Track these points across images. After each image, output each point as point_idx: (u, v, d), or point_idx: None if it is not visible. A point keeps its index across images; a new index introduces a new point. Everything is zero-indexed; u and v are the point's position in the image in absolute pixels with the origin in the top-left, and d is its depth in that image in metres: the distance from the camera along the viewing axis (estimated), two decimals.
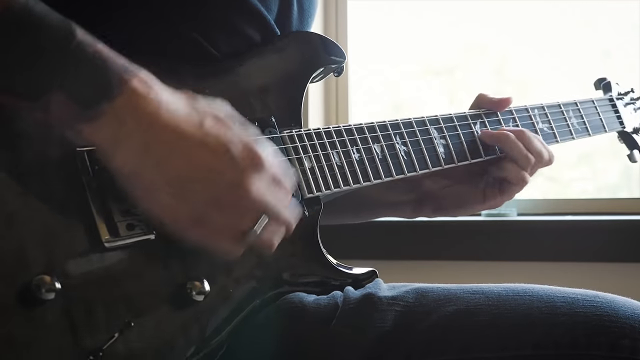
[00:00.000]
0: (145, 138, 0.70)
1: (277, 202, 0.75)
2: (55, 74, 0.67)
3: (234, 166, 0.72)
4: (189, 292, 0.81)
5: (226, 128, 0.74)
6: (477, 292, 0.90)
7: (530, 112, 1.18)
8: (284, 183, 0.76)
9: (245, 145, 0.73)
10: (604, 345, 0.83)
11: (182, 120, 0.71)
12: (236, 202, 0.72)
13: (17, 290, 0.71)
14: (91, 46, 0.69)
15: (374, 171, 0.98)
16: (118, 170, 0.71)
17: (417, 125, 1.04)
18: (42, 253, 0.73)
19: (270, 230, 0.76)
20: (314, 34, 1.01)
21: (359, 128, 0.98)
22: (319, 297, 0.92)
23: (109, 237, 0.77)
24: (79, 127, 0.69)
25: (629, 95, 1.38)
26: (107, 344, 0.75)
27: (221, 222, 0.73)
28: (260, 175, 0.73)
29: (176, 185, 0.71)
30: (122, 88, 0.69)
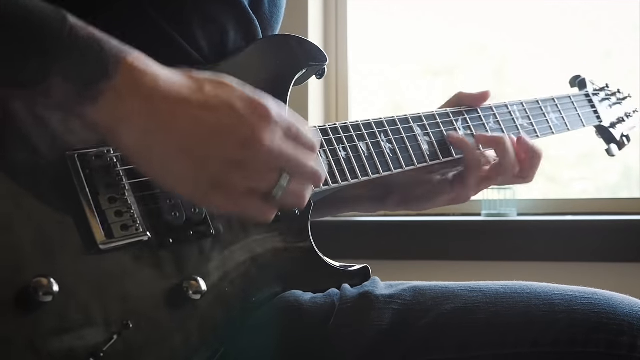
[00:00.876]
0: (147, 110, 0.69)
1: (298, 152, 0.73)
2: (52, 59, 0.67)
3: (242, 122, 0.70)
4: (186, 291, 0.81)
5: (228, 89, 0.72)
6: (475, 289, 0.89)
7: (509, 109, 1.20)
8: (301, 133, 0.74)
9: (250, 100, 0.72)
10: (603, 342, 0.82)
11: (181, 87, 0.71)
12: (253, 157, 0.70)
13: (15, 293, 0.71)
14: (84, 29, 0.69)
15: (361, 169, 0.99)
16: (127, 148, 0.70)
17: (400, 123, 1.06)
18: (38, 256, 0.73)
19: (297, 183, 0.74)
20: (293, 36, 1.01)
21: (344, 127, 1.00)
22: (315, 295, 0.91)
23: (103, 239, 0.77)
24: (80, 109, 0.69)
25: (604, 92, 1.42)
26: (106, 346, 0.75)
27: (242, 181, 0.71)
28: (271, 127, 0.71)
29: (187, 151, 0.69)
30: (119, 66, 0.69)
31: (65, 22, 0.68)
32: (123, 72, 0.69)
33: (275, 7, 1.05)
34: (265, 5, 1.02)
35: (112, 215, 0.78)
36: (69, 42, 0.68)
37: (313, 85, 2.36)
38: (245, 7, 0.97)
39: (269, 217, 0.74)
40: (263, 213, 0.74)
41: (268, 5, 1.03)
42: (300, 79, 1.01)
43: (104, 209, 0.78)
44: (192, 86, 0.71)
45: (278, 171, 0.72)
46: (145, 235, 0.79)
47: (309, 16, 2.36)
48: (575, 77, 1.43)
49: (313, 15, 2.39)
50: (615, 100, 1.43)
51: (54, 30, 0.68)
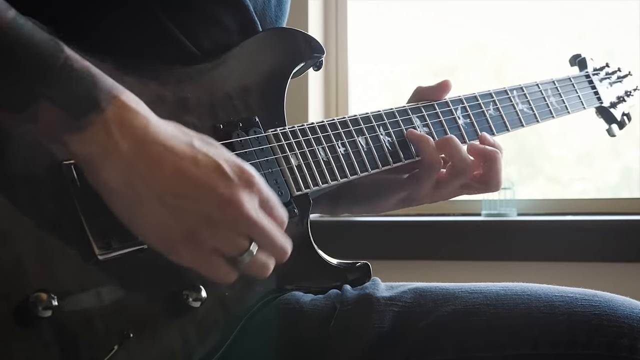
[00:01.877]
0: (134, 151, 0.68)
1: (271, 225, 0.74)
2: (43, 87, 0.67)
3: (226, 182, 0.71)
4: (186, 298, 0.80)
5: (216, 148, 0.73)
6: (476, 291, 0.89)
7: (509, 94, 1.17)
8: (276, 207, 0.75)
9: (237, 165, 0.72)
10: (603, 344, 0.82)
11: (171, 136, 0.71)
12: (228, 218, 0.71)
13: (13, 308, 0.70)
14: (79, 62, 0.69)
15: (360, 164, 0.98)
16: (104, 184, 0.70)
17: (399, 115, 1.04)
18: (37, 270, 0.72)
19: (264, 254, 0.74)
20: (290, 29, 1.01)
21: (343, 122, 0.99)
22: (315, 297, 0.91)
23: (102, 250, 0.76)
24: (66, 138, 0.68)
25: (604, 70, 1.39)
26: (107, 357, 0.74)
27: (213, 239, 0.71)
28: (252, 193, 0.72)
29: (166, 200, 0.69)
30: (111, 101, 0.69)
31: (60, 52, 0.68)
32: (115, 107, 0.69)
33: (281, 11, 1.05)
34: (271, 10, 1.02)
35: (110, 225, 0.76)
36: (62, 72, 0.68)
37: (313, 86, 2.36)
38: (251, 14, 0.96)
39: (229, 280, 0.74)
40: (225, 275, 0.74)
41: (275, 10, 1.03)
42: (299, 71, 1.01)
43: (101, 219, 0.76)
44: (182, 138, 0.71)
45: (249, 239, 0.72)
46: (143, 244, 0.78)
47: (309, 16, 2.36)
48: (575, 55, 1.40)
49: (313, 15, 2.39)
50: (616, 78, 1.40)
51: (49, 59, 0.67)
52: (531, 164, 2.52)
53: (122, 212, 0.71)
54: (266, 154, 0.90)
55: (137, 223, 0.71)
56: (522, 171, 2.50)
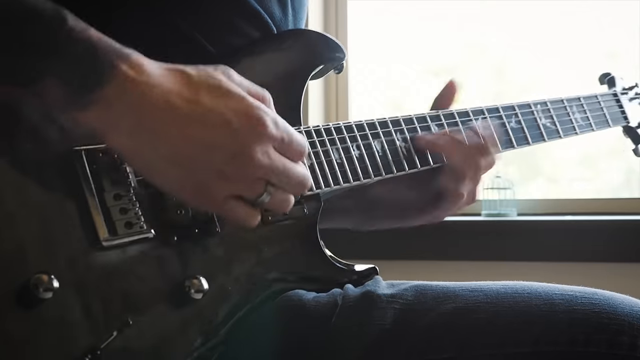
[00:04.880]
0: (136, 119, 0.70)
1: (286, 163, 0.75)
2: (47, 60, 0.68)
3: (235, 137, 0.71)
4: (188, 290, 0.80)
5: (225, 98, 0.72)
6: (476, 289, 0.89)
7: (533, 108, 1.15)
8: (293, 141, 0.75)
9: (246, 114, 0.72)
10: (603, 342, 0.82)
11: (175, 98, 0.71)
12: (241, 172, 0.72)
13: (14, 289, 0.71)
14: (82, 32, 0.69)
15: (374, 168, 0.96)
16: (117, 150, 0.74)
17: (418, 122, 1.02)
18: (40, 252, 0.73)
19: (281, 193, 0.76)
20: (313, 31, 1.01)
21: (359, 125, 0.97)
22: (318, 294, 0.91)
23: (107, 236, 0.76)
24: (72, 113, 0.70)
25: (634, 90, 1.37)
26: (105, 343, 0.75)
27: (228, 189, 0.73)
28: (264, 142, 0.72)
29: (175, 160, 0.71)
30: (111, 74, 0.69)
31: (64, 23, 0.68)
32: (115, 81, 0.69)
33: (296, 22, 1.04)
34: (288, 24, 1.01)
35: (117, 213, 0.78)
36: (65, 46, 0.68)
37: (313, 85, 2.36)
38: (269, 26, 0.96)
39: (253, 222, 0.76)
40: (247, 218, 0.75)
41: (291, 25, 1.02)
42: (318, 73, 1.00)
43: (108, 205, 0.77)
44: (186, 95, 0.71)
45: (264, 182, 0.74)
46: (149, 232, 0.79)
47: (309, 16, 2.35)
48: (604, 74, 1.38)
49: (313, 15, 2.39)
50: None
51: (51, 32, 0.68)
52: (531, 164, 2.52)
53: (140, 170, 0.77)
54: None
55: (154, 179, 0.74)
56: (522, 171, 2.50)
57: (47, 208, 0.74)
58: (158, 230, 0.80)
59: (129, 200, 0.79)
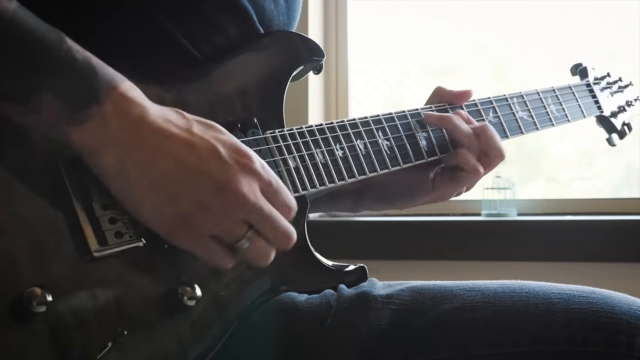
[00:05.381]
0: (132, 141, 0.70)
1: (272, 211, 0.74)
2: (45, 77, 0.68)
3: (222, 168, 0.72)
4: (180, 297, 0.80)
5: (216, 132, 0.74)
6: (473, 289, 0.89)
7: (509, 101, 1.18)
8: (280, 192, 0.75)
9: (235, 148, 0.73)
10: (601, 341, 0.82)
11: (169, 123, 0.72)
12: (224, 204, 0.72)
13: (7, 303, 0.71)
14: (80, 52, 0.71)
15: (358, 168, 0.98)
16: (105, 173, 0.72)
17: (398, 120, 1.05)
18: (32, 266, 0.72)
19: (264, 241, 0.75)
20: (292, 32, 1.01)
21: (342, 125, 0.99)
22: (310, 296, 0.91)
23: (97, 247, 0.76)
24: (67, 129, 0.70)
25: (605, 80, 1.39)
26: (100, 354, 0.74)
27: (208, 225, 0.72)
28: (251, 178, 0.73)
29: (162, 186, 0.71)
30: (110, 92, 0.70)
31: (62, 43, 0.69)
32: (113, 99, 0.70)
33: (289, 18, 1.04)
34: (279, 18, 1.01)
35: (106, 222, 0.77)
36: (64, 63, 0.69)
37: (313, 86, 2.36)
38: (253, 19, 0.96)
39: (227, 266, 0.75)
40: (222, 261, 0.75)
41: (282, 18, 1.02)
42: (298, 74, 1.01)
43: (97, 216, 0.77)
44: (180, 124, 0.73)
45: (246, 224, 0.73)
46: (139, 241, 0.79)
47: (309, 16, 2.36)
48: (576, 65, 1.41)
49: (313, 15, 2.39)
50: (617, 88, 1.40)
51: (50, 50, 0.69)
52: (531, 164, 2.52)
53: (122, 197, 0.73)
54: (264, 155, 0.90)
55: (136, 208, 0.73)
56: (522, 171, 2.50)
57: (37, 220, 0.74)
58: (148, 239, 0.79)
59: (118, 209, 0.78)
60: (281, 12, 1.02)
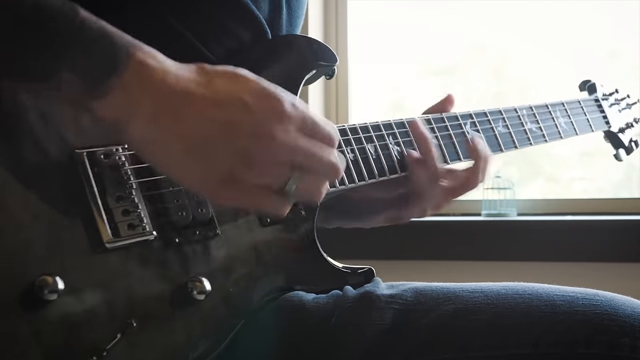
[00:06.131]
0: (154, 106, 0.68)
1: (312, 146, 0.71)
2: (63, 53, 0.67)
3: (253, 116, 0.69)
4: (190, 291, 0.80)
5: (239, 81, 0.71)
6: (476, 290, 0.89)
7: (518, 112, 1.19)
8: (317, 125, 0.72)
9: (262, 94, 0.70)
10: (604, 343, 0.82)
11: (190, 82, 0.70)
12: (263, 152, 0.69)
13: (19, 291, 0.71)
14: (95, 23, 0.69)
15: (369, 171, 0.98)
16: (135, 142, 0.70)
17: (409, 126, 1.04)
18: (44, 254, 0.73)
19: (312, 177, 0.72)
20: (304, 37, 1.01)
21: (353, 129, 0.99)
22: (318, 295, 0.91)
23: (110, 238, 0.77)
24: (90, 104, 0.68)
25: (614, 96, 1.42)
26: (109, 345, 0.75)
27: (252, 177, 0.69)
28: (284, 121, 0.70)
29: (195, 147, 0.68)
30: (128, 61, 0.68)
31: (76, 15, 0.68)
32: (132, 67, 0.68)
33: (292, 26, 1.04)
34: (282, 25, 1.02)
35: (119, 214, 0.78)
36: (80, 34, 0.68)
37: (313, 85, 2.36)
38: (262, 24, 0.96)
39: (282, 212, 0.73)
40: (276, 208, 0.72)
41: (285, 25, 1.03)
42: (310, 79, 1.01)
43: (111, 207, 0.77)
44: (201, 81, 0.70)
45: (290, 166, 0.70)
46: (151, 234, 0.79)
47: (309, 16, 2.36)
48: (585, 81, 1.43)
49: (313, 15, 2.39)
50: (625, 105, 1.43)
51: (65, 22, 0.68)
52: (531, 164, 2.52)
53: (160, 165, 0.71)
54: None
55: (175, 174, 0.71)
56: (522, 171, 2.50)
57: (51, 211, 0.74)
58: (160, 232, 0.80)
59: (131, 202, 0.79)
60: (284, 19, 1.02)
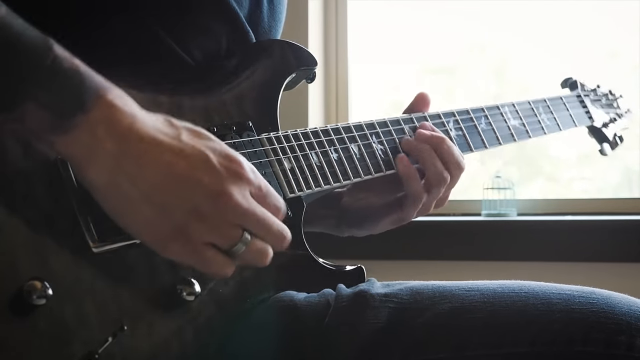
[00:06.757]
0: (120, 150, 0.68)
1: (264, 212, 0.74)
2: (30, 86, 0.66)
3: (214, 174, 0.70)
4: (180, 292, 0.80)
5: (205, 140, 0.72)
6: (473, 289, 0.89)
7: (501, 110, 1.21)
8: (269, 194, 0.75)
9: (226, 155, 0.72)
10: (600, 341, 0.82)
11: (158, 132, 0.70)
12: (217, 211, 0.70)
13: (8, 296, 0.70)
14: (68, 61, 0.68)
15: (353, 170, 1.00)
16: (92, 184, 0.70)
17: (392, 125, 1.06)
18: (31, 260, 0.72)
19: (259, 242, 0.74)
20: (283, 41, 1.02)
21: (336, 129, 1.00)
22: (309, 294, 0.91)
23: (96, 243, 0.76)
24: (52, 139, 0.68)
25: (595, 92, 1.44)
26: (101, 349, 0.74)
27: (204, 233, 0.70)
28: (242, 184, 0.72)
29: (153, 197, 0.69)
30: (97, 101, 0.68)
31: (49, 51, 0.67)
32: (100, 107, 0.68)
33: (274, 21, 1.05)
34: (264, 20, 1.02)
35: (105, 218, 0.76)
36: (50, 71, 0.67)
37: (313, 86, 2.36)
38: (242, 21, 0.97)
39: (227, 273, 0.74)
40: (222, 268, 0.73)
41: (267, 20, 1.03)
42: (291, 83, 1.02)
43: (96, 211, 0.76)
44: (169, 132, 0.71)
45: (241, 228, 0.72)
46: None
47: (309, 16, 2.36)
48: (566, 79, 1.46)
49: (313, 15, 2.39)
50: (606, 101, 1.45)
51: (36, 56, 0.66)
52: (531, 164, 2.52)
53: (111, 210, 0.71)
54: (259, 157, 0.91)
55: (126, 221, 0.71)
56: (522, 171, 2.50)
57: (36, 216, 0.74)
58: None
59: None
60: (265, 14, 1.02)
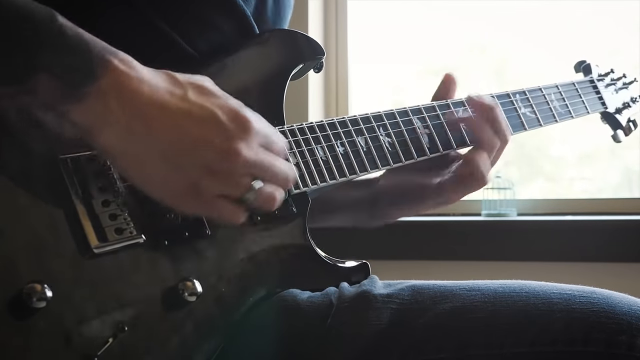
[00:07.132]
0: (129, 115, 0.70)
1: (271, 159, 0.76)
2: (39, 56, 0.68)
3: (223, 132, 0.73)
4: (181, 293, 0.80)
5: (210, 97, 0.75)
6: (474, 289, 0.89)
7: (512, 97, 1.16)
8: (274, 140, 0.78)
9: (232, 111, 0.74)
10: (601, 341, 0.82)
11: (164, 93, 0.72)
12: (229, 167, 0.73)
13: (7, 299, 0.70)
14: (73, 29, 0.70)
15: (360, 164, 0.97)
16: (106, 148, 0.72)
17: (399, 116, 1.03)
18: (31, 262, 0.72)
19: (268, 189, 0.77)
20: (292, 30, 1.01)
21: (342, 122, 0.98)
22: (312, 294, 0.91)
23: (97, 243, 0.76)
24: (65, 109, 0.70)
25: (610, 76, 1.38)
26: (101, 350, 0.74)
27: (216, 189, 0.74)
28: (250, 138, 0.74)
29: (165, 158, 0.72)
30: (105, 67, 0.70)
31: (54, 21, 0.69)
32: (109, 74, 0.70)
33: (279, 17, 1.05)
34: (268, 16, 1.02)
35: (106, 219, 0.78)
36: (57, 40, 0.69)
37: (313, 86, 2.36)
38: (248, 17, 0.97)
39: (239, 219, 0.77)
40: (234, 216, 0.76)
41: (272, 16, 1.03)
42: (298, 73, 1.00)
43: (97, 212, 0.77)
44: (176, 92, 0.73)
45: (251, 178, 0.75)
46: (140, 237, 0.79)
47: (309, 16, 2.36)
48: (580, 62, 1.39)
49: (313, 15, 2.39)
50: (621, 85, 1.38)
51: (43, 28, 0.69)
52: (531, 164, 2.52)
53: (127, 173, 0.74)
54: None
55: (141, 181, 0.74)
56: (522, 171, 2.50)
57: (37, 218, 0.74)
58: (148, 235, 0.80)
59: (118, 206, 0.79)
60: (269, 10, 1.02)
